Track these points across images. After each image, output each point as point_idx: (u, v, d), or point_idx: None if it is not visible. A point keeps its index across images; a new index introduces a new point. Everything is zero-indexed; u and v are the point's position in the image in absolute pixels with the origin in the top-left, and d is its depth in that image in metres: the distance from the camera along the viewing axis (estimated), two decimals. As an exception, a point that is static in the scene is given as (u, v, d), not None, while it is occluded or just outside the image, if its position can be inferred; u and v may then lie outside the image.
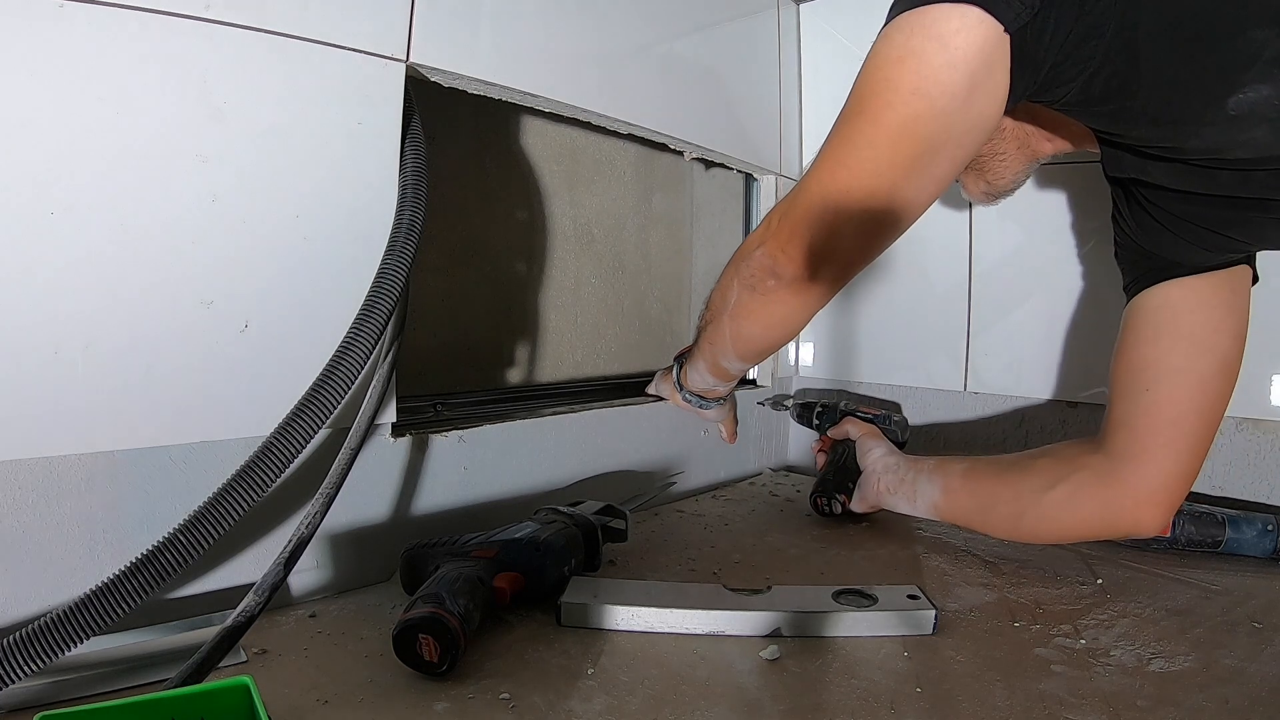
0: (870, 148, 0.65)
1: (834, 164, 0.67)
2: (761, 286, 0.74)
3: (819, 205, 0.68)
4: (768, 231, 0.73)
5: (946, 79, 0.60)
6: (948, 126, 0.63)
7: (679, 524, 1.01)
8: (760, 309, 0.76)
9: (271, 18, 0.66)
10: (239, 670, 0.58)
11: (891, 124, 0.63)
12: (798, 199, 0.70)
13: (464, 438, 0.85)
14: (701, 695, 0.57)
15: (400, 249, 0.72)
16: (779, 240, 0.71)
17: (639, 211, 1.30)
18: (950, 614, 0.72)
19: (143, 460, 0.63)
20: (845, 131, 0.66)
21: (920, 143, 0.63)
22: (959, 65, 0.59)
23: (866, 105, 0.65)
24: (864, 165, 0.65)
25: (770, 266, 0.72)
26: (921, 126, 0.62)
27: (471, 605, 0.61)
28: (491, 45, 0.83)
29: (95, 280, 0.59)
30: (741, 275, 0.76)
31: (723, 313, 0.80)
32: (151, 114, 0.61)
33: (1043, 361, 1.13)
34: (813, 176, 0.69)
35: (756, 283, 0.74)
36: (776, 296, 0.74)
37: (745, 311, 0.77)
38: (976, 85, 0.60)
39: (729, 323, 0.80)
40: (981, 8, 0.58)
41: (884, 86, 0.63)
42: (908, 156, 0.64)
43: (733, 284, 0.77)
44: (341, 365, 0.65)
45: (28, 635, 0.48)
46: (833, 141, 0.68)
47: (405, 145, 0.76)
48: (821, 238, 0.69)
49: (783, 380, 1.37)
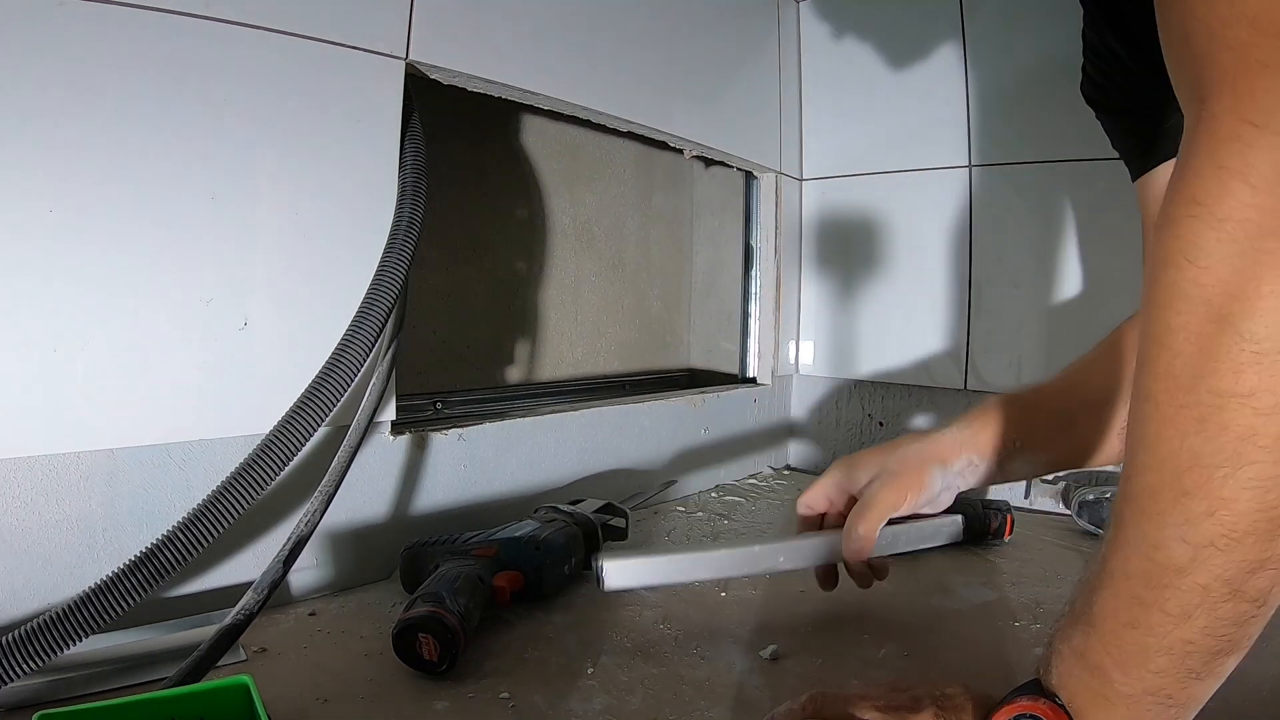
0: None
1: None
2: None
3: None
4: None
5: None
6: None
7: (679, 522, 1.01)
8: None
9: (271, 15, 0.65)
10: (238, 669, 0.58)
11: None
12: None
13: (464, 436, 0.85)
14: (701, 695, 0.57)
15: (399, 247, 0.71)
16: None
17: (639, 209, 1.30)
18: (950, 613, 0.72)
19: (142, 458, 0.62)
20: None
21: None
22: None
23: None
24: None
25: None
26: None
27: (471, 604, 0.61)
28: (491, 43, 0.82)
29: (94, 278, 0.59)
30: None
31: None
32: (151, 111, 0.60)
33: (1043, 359, 1.13)
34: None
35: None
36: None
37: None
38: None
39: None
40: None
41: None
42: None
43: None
44: (341, 363, 0.65)
45: (26, 633, 0.48)
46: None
47: (404, 143, 0.75)
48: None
49: (783, 378, 1.37)
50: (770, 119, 1.28)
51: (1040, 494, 1.11)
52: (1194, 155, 0.36)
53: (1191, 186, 0.35)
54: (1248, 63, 0.34)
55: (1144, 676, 0.37)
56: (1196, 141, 0.35)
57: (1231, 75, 0.34)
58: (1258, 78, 0.33)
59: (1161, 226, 0.37)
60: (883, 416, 1.30)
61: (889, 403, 1.29)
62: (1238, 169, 0.33)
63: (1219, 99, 0.34)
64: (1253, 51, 0.33)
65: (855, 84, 1.27)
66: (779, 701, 0.55)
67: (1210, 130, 0.35)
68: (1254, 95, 0.33)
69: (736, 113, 1.20)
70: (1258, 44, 0.33)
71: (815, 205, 1.35)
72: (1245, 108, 0.33)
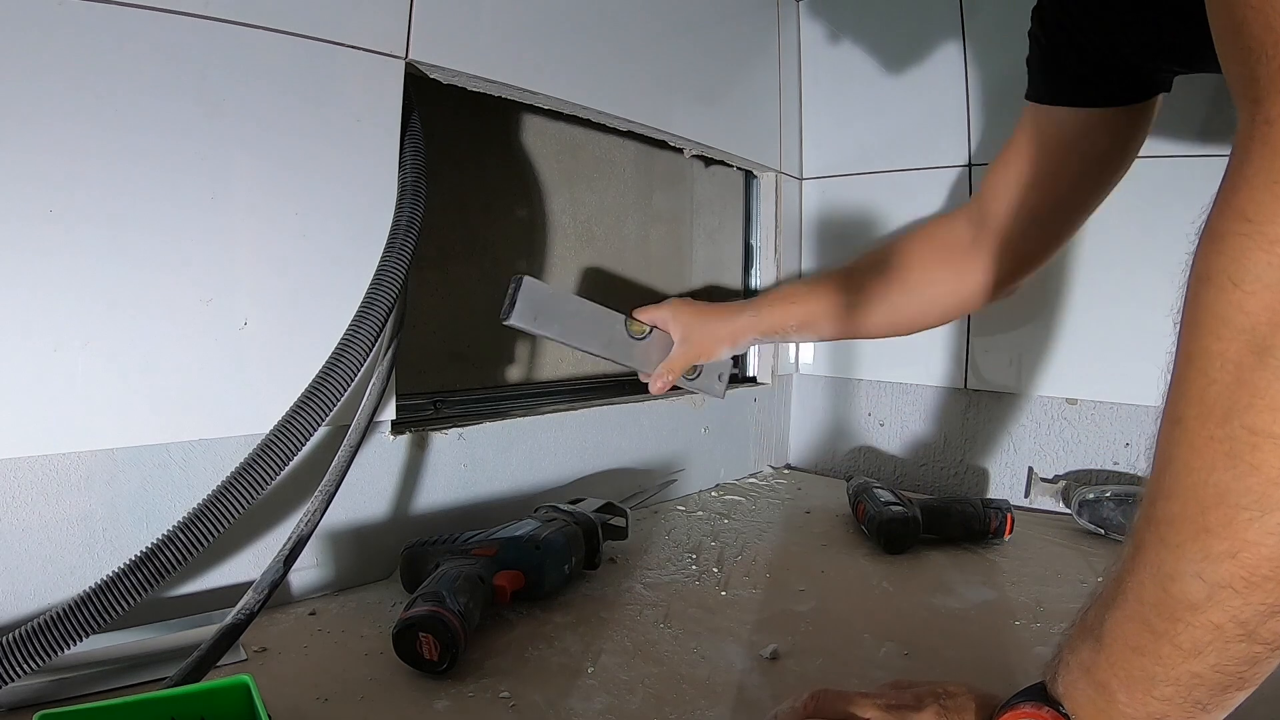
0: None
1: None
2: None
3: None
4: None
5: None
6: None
7: (679, 521, 1.01)
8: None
9: (271, 15, 0.65)
10: (239, 668, 0.58)
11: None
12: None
13: (464, 435, 0.85)
14: (702, 694, 0.57)
15: (399, 246, 0.71)
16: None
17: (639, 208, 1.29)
18: (950, 612, 0.72)
19: (142, 457, 0.63)
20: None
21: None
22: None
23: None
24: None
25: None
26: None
27: (471, 603, 0.61)
28: (491, 42, 0.82)
29: (95, 278, 0.59)
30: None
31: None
32: (151, 111, 0.60)
33: (1043, 358, 1.13)
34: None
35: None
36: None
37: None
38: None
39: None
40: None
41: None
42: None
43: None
44: (341, 363, 0.65)
45: (27, 633, 0.48)
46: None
47: (404, 142, 0.75)
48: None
49: (783, 378, 1.37)
50: (770, 118, 1.28)
51: (1040, 493, 1.11)
52: (1247, 164, 0.31)
53: (1242, 200, 0.31)
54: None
55: (1148, 702, 0.36)
56: (1250, 149, 0.31)
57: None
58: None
59: (1205, 240, 0.33)
60: (883, 416, 1.30)
61: (889, 402, 1.29)
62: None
63: (1276, 101, 0.30)
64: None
65: (855, 83, 1.27)
66: (779, 700, 0.55)
67: (1265, 139, 0.31)
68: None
69: (736, 112, 1.20)
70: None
71: (815, 204, 1.35)
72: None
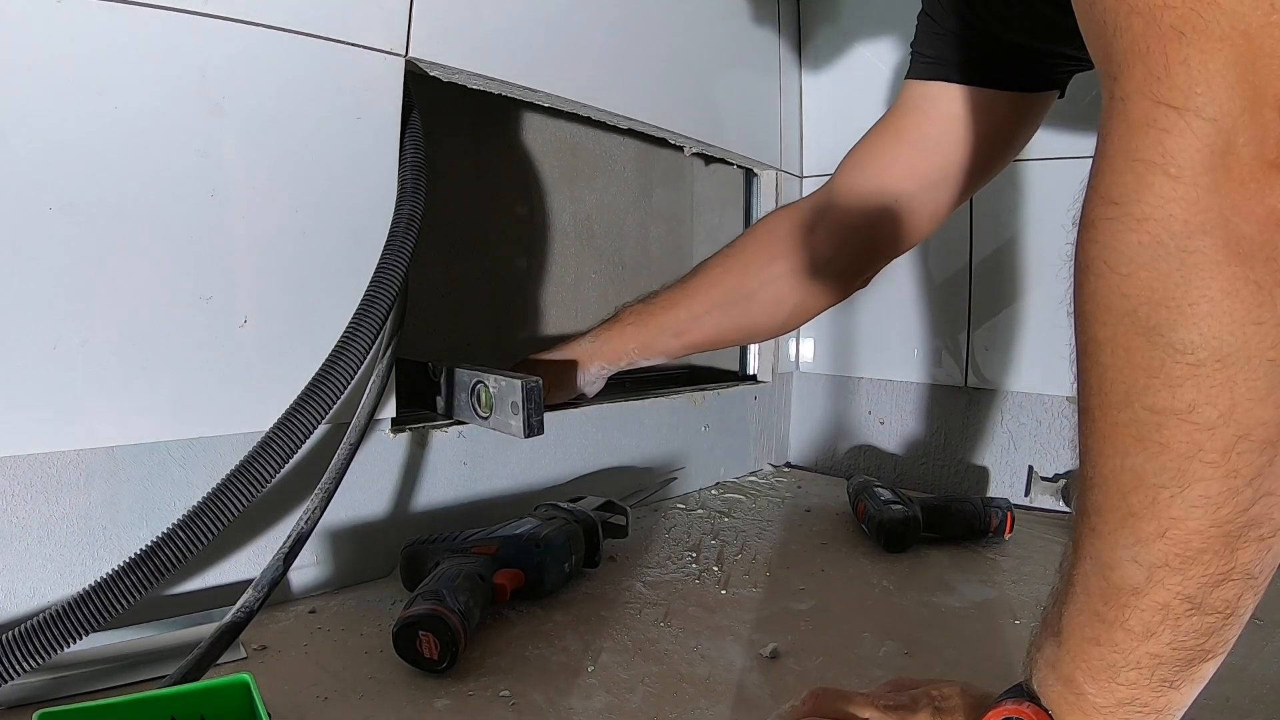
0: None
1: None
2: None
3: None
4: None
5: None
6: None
7: (679, 520, 1.01)
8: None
9: (271, 12, 0.65)
10: (238, 667, 0.58)
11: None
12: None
13: (464, 433, 0.85)
14: (702, 693, 0.57)
15: (399, 244, 0.71)
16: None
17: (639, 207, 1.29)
18: (950, 611, 0.72)
19: (141, 455, 0.62)
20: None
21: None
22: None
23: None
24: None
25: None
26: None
27: (472, 602, 0.61)
28: (491, 40, 0.82)
29: (94, 275, 0.59)
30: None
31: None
32: (150, 109, 0.60)
33: (1043, 357, 1.13)
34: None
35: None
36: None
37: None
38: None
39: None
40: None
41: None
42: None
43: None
44: (341, 360, 0.65)
45: (26, 631, 0.48)
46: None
47: (404, 140, 0.75)
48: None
49: (783, 376, 1.37)
50: (770, 116, 1.28)
51: (1041, 491, 1.11)
52: (1107, 143, 0.30)
53: (1106, 183, 0.30)
54: (1160, 28, 0.28)
55: (1115, 689, 0.35)
56: (1109, 129, 0.30)
57: (1143, 45, 0.28)
58: (1172, 47, 0.28)
59: (1080, 228, 0.32)
60: (883, 414, 1.30)
61: (889, 400, 1.29)
62: (1155, 160, 0.28)
63: (1130, 76, 0.29)
64: (1165, 14, 0.27)
65: (855, 80, 1.26)
66: (779, 699, 0.55)
67: (1123, 115, 0.29)
68: (1169, 70, 0.28)
69: (736, 110, 1.20)
70: (1171, 5, 0.27)
71: (816, 202, 1.35)
72: (1160, 87, 0.28)
